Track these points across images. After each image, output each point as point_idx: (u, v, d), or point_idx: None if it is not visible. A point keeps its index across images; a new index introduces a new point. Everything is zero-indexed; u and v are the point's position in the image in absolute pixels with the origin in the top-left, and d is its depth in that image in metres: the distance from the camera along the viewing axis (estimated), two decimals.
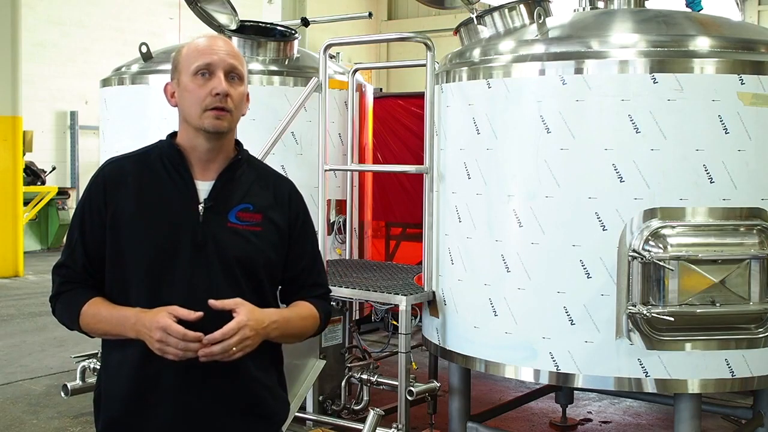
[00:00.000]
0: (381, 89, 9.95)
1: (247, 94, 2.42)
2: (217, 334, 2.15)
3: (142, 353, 2.25)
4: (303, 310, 2.44)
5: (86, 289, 2.36)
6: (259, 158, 4.77)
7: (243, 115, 2.40)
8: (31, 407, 5.83)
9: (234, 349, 2.17)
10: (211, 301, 2.20)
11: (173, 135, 2.42)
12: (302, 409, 4.81)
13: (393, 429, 4.36)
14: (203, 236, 2.29)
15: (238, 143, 2.46)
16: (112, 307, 2.30)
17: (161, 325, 2.14)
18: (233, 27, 5.70)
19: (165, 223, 2.30)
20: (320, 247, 4.73)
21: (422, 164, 4.59)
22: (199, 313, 2.17)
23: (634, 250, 3.77)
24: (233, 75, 2.33)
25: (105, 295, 2.35)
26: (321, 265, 2.58)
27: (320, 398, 4.90)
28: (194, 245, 2.29)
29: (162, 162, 2.36)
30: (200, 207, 2.32)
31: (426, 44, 4.56)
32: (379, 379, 4.81)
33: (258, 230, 2.36)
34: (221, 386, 2.31)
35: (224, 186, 2.36)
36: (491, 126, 4.16)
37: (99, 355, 5.30)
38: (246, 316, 2.20)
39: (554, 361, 3.97)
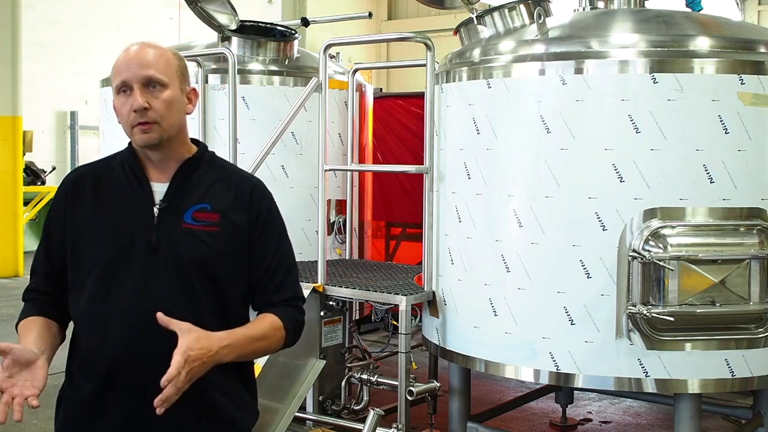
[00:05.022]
0: (381, 89, 9.95)
1: (193, 90, 2.36)
2: (163, 380, 2.04)
3: (92, 357, 2.26)
4: (262, 327, 2.32)
5: (33, 304, 2.39)
6: (259, 158, 4.85)
7: (188, 113, 2.35)
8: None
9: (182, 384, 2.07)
10: (160, 316, 2.11)
11: None
12: (302, 409, 4.81)
13: (393, 429, 4.36)
14: (157, 238, 2.26)
15: (200, 144, 2.43)
16: (23, 335, 2.31)
17: None
18: (233, 27, 5.70)
19: (121, 226, 2.28)
20: (320, 247, 4.80)
21: (422, 164, 4.59)
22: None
23: (634, 250, 3.77)
24: (153, 84, 2.26)
25: (64, 304, 2.36)
26: (290, 270, 2.45)
27: (320, 398, 4.90)
28: (148, 247, 2.26)
29: (122, 167, 2.35)
30: (155, 209, 2.29)
31: (426, 44, 4.56)
32: (379, 379, 4.81)
33: (214, 230, 2.30)
34: None
35: (180, 187, 2.32)
36: (491, 126, 4.16)
37: None
38: (186, 347, 2.07)
39: (554, 361, 3.97)
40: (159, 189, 2.32)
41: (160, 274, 2.25)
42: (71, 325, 2.42)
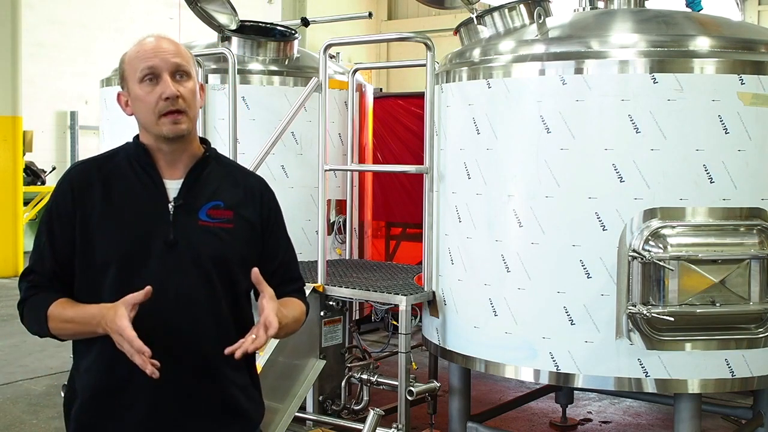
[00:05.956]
0: (381, 89, 9.95)
1: (201, 87, 2.38)
2: (263, 330, 2.14)
3: (112, 354, 2.20)
4: (298, 310, 2.44)
5: (51, 292, 2.31)
6: (260, 158, 4.85)
7: (200, 107, 2.37)
8: (31, 407, 5.83)
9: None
10: (254, 272, 2.20)
11: (139, 136, 2.39)
12: (302, 409, 4.81)
13: (393, 429, 4.36)
14: (174, 235, 2.26)
15: (205, 141, 2.44)
16: (77, 307, 2.26)
17: (117, 328, 2.09)
18: (233, 27, 5.70)
19: (135, 223, 2.27)
20: (320, 247, 4.81)
21: (422, 164, 4.59)
22: (148, 288, 2.12)
23: (634, 250, 3.77)
24: (180, 73, 2.27)
25: (74, 298, 2.31)
26: (296, 259, 2.56)
27: (320, 398, 4.90)
28: (166, 245, 2.26)
29: (130, 162, 2.33)
30: (170, 206, 2.29)
31: (426, 44, 4.56)
32: (379, 379, 4.81)
33: (229, 227, 2.33)
34: (194, 386, 2.28)
35: (193, 184, 2.33)
36: (491, 126, 4.16)
37: None
38: (274, 316, 2.17)
39: (554, 361, 3.97)
40: (171, 186, 2.32)
41: (180, 271, 2.26)
42: None
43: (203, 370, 2.28)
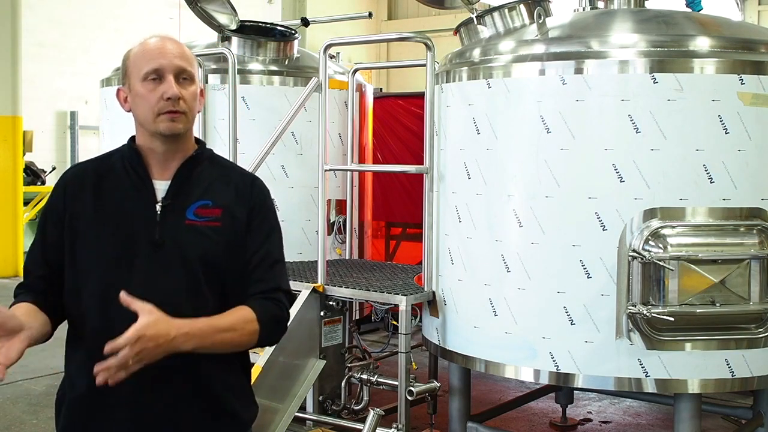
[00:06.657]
0: (381, 89, 9.95)
1: (201, 91, 2.39)
2: (107, 347, 2.01)
3: (101, 356, 2.15)
4: (231, 318, 2.25)
5: (30, 294, 2.31)
6: (259, 158, 4.85)
7: (198, 111, 2.37)
8: (31, 407, 5.83)
9: (130, 361, 2.03)
10: (122, 295, 2.08)
11: (134, 138, 2.39)
12: (302, 409, 4.81)
13: (393, 429, 4.36)
14: (161, 235, 2.26)
15: (200, 142, 2.43)
16: (22, 314, 2.23)
17: None
18: (233, 27, 5.71)
19: (122, 224, 2.27)
20: (320, 247, 4.81)
21: (422, 164, 4.59)
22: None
23: (634, 250, 3.77)
24: (183, 76, 2.29)
25: (61, 300, 2.31)
26: (275, 263, 2.40)
27: (320, 398, 4.90)
28: (152, 245, 2.26)
29: (122, 164, 2.34)
30: (158, 206, 2.29)
31: (426, 44, 4.56)
32: (379, 379, 4.81)
33: (216, 225, 2.31)
34: (182, 386, 2.27)
35: (182, 184, 2.32)
36: (491, 126, 4.16)
37: None
38: (144, 325, 2.03)
39: (554, 361, 3.97)
40: (160, 186, 2.32)
41: (166, 270, 2.25)
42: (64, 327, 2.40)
43: (191, 371, 2.26)
